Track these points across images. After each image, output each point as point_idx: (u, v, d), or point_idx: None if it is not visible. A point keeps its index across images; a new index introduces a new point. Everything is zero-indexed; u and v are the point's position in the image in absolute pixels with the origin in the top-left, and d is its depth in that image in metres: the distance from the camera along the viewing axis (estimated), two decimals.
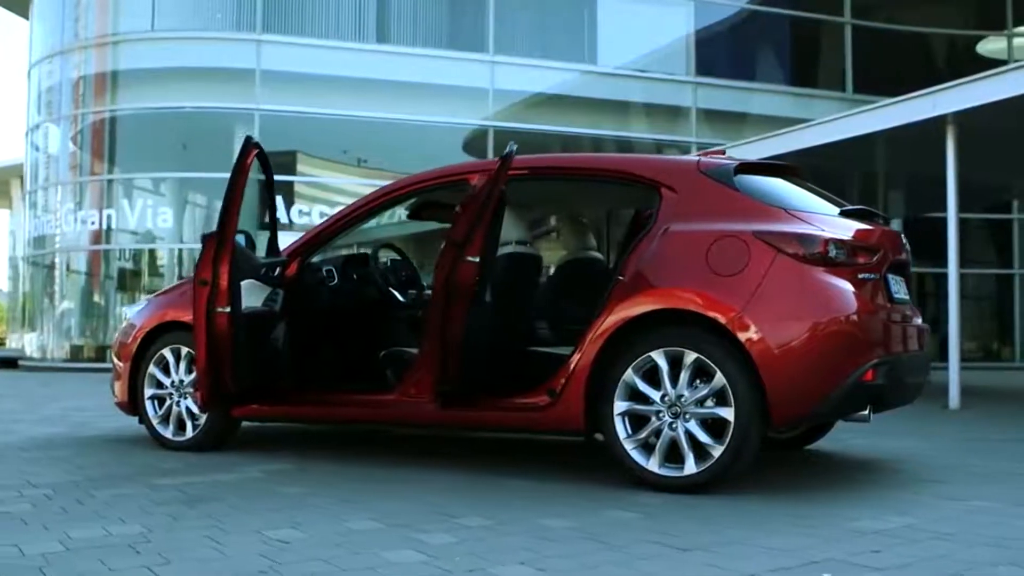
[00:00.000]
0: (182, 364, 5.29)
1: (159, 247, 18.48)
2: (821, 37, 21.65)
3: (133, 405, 5.49)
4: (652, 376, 4.08)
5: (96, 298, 18.82)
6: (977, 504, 3.88)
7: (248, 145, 4.69)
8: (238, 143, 17.20)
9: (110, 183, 18.29)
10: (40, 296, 19.96)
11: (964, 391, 8.84)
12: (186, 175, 18.36)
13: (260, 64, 17.45)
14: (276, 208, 5.34)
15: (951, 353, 8.93)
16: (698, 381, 4.00)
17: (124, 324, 5.86)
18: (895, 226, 13.50)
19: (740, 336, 3.91)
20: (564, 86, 19.11)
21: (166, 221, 18.10)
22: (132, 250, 18.60)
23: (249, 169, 4.68)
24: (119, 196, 18.10)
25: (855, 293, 4.01)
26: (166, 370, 5.34)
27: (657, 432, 4.03)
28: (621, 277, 4.26)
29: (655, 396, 4.05)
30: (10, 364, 19.43)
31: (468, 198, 4.28)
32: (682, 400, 3.99)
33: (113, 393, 5.71)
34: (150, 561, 2.85)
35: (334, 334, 5.34)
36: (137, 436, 5.75)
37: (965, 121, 8.67)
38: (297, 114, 17.33)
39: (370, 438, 6.00)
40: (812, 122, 10.92)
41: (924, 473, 4.76)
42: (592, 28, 19.88)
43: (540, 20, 19.59)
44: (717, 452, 3.92)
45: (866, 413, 4.06)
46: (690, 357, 3.99)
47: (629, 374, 4.09)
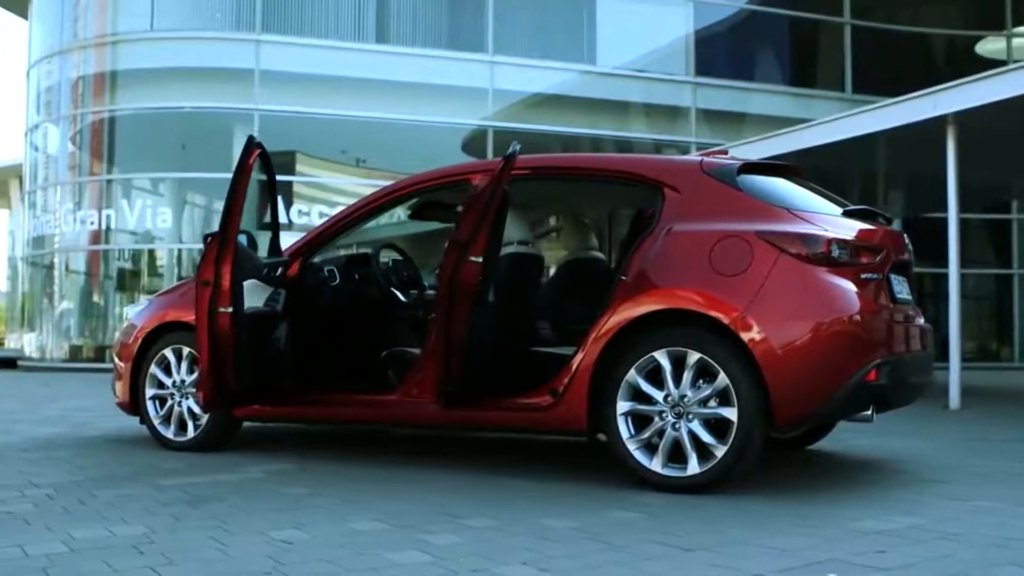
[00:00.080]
0: (183, 364, 5.28)
1: (158, 247, 18.48)
2: (820, 37, 21.67)
3: (134, 405, 5.49)
4: (655, 376, 4.07)
5: (95, 298, 18.81)
6: (980, 504, 3.88)
7: (251, 145, 4.68)
8: (237, 143, 17.16)
9: (109, 183, 18.29)
10: (39, 296, 19.95)
11: (964, 391, 8.85)
12: (185, 175, 18.36)
13: (259, 64, 17.44)
14: (278, 208, 5.33)
15: (952, 353, 8.93)
16: (701, 381, 3.99)
17: (125, 324, 5.86)
18: (895, 226, 13.48)
19: (743, 336, 3.90)
20: (563, 86, 19.11)
21: (165, 221, 18.10)
22: (131, 250, 18.60)
23: (252, 169, 4.67)
24: (118, 196, 18.09)
25: (858, 293, 4.01)
26: (167, 370, 5.33)
27: (660, 432, 4.02)
28: (624, 277, 4.25)
29: (658, 396, 4.04)
30: (9, 364, 19.42)
31: (471, 198, 4.27)
32: (685, 400, 3.99)
33: (114, 393, 5.70)
34: (154, 562, 2.84)
35: (336, 334, 5.33)
36: (138, 436, 5.75)
37: (966, 121, 8.66)
38: (296, 114, 17.33)
39: (371, 438, 5.99)
40: (813, 122, 10.92)
41: (926, 473, 4.76)
42: (591, 28, 19.88)
43: (539, 20, 19.58)
44: (720, 452, 3.91)
45: (869, 413, 4.05)
46: (693, 357, 3.98)
47: (632, 374, 4.08)
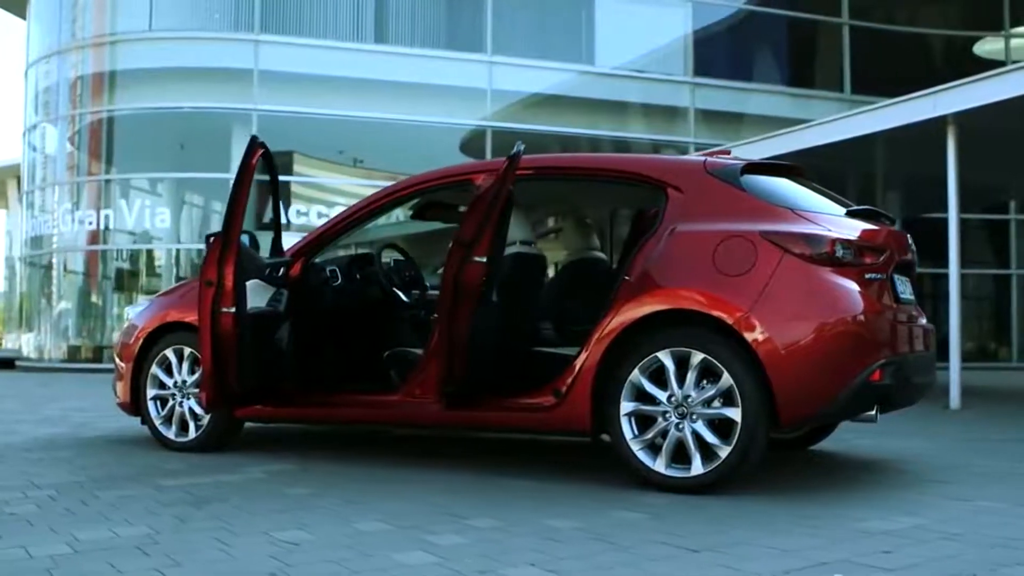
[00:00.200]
0: (185, 364, 5.27)
1: (156, 247, 18.46)
2: (819, 38, 21.68)
3: (135, 406, 5.48)
4: (659, 377, 4.06)
5: (93, 298, 18.79)
6: (983, 504, 3.88)
7: (254, 145, 4.66)
8: (236, 143, 17.13)
9: (107, 183, 18.26)
10: (37, 296, 19.92)
11: (964, 391, 8.86)
12: (184, 175, 18.35)
13: (258, 64, 17.43)
14: (280, 208, 5.32)
15: (952, 354, 8.93)
16: (705, 381, 3.99)
17: (126, 325, 5.85)
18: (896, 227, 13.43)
19: (747, 336, 3.89)
20: (562, 86, 19.11)
21: (164, 221, 18.09)
22: (129, 250, 18.58)
23: (255, 169, 4.66)
24: (116, 196, 18.07)
25: (862, 293, 4.01)
26: (169, 371, 5.32)
27: (664, 433, 4.02)
28: (627, 277, 4.24)
29: (662, 397, 4.03)
30: (7, 364, 19.40)
31: (476, 198, 4.26)
32: (689, 401, 3.98)
33: (115, 394, 5.69)
34: (159, 563, 2.83)
35: (338, 334, 5.32)
36: (138, 437, 5.74)
37: (966, 122, 8.66)
38: (295, 114, 17.31)
39: (372, 439, 5.99)
40: (813, 122, 10.91)
41: (929, 473, 4.76)
42: (590, 28, 19.88)
43: (538, 20, 19.57)
44: (724, 453, 3.90)
45: (873, 413, 4.06)
46: (697, 357, 3.97)
47: (636, 374, 4.08)
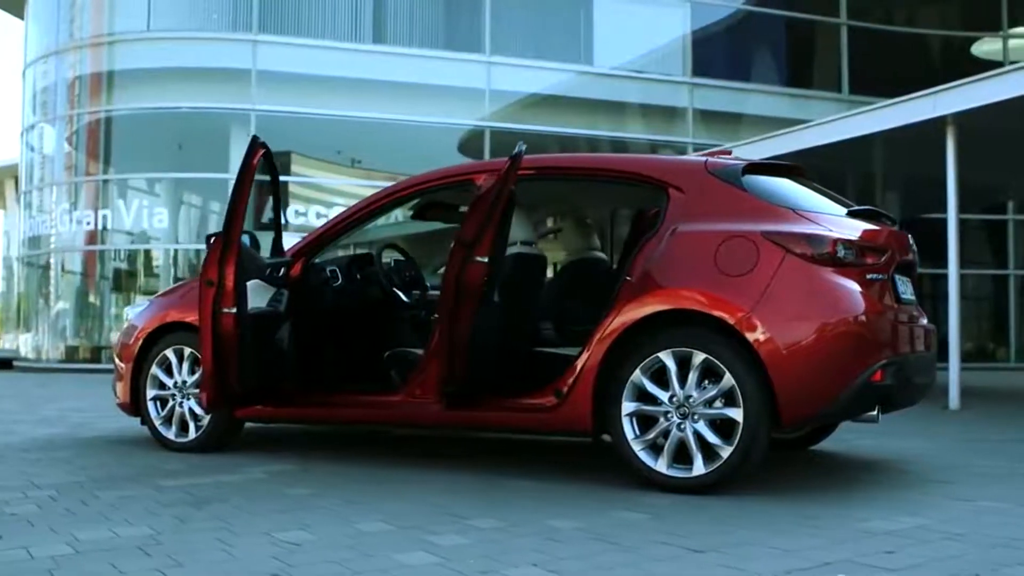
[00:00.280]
0: (184, 365, 5.26)
1: (154, 247, 18.45)
2: (817, 38, 21.70)
3: (135, 406, 5.47)
4: (660, 377, 4.06)
5: (91, 299, 18.77)
6: (985, 504, 3.88)
7: (255, 145, 4.65)
8: (234, 143, 17.07)
9: (105, 183, 18.25)
10: (35, 297, 19.90)
11: (963, 391, 8.86)
12: (182, 175, 18.34)
13: (256, 64, 17.42)
14: (281, 208, 5.30)
15: (951, 354, 8.93)
16: (706, 382, 3.98)
17: (125, 325, 5.84)
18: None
19: (749, 336, 3.89)
20: (560, 87, 19.11)
21: (162, 221, 18.08)
22: (127, 250, 18.56)
23: (256, 169, 4.65)
24: (114, 196, 18.06)
25: (863, 293, 4.00)
26: (169, 371, 5.31)
27: (665, 433, 4.01)
28: (628, 277, 4.23)
29: (663, 397, 4.03)
30: (5, 365, 19.37)
31: (477, 198, 4.25)
32: (690, 401, 3.98)
33: (115, 394, 5.68)
34: (161, 564, 2.82)
35: (338, 335, 5.31)
36: (137, 437, 5.73)
37: (965, 122, 8.66)
38: (293, 114, 17.30)
39: (372, 439, 5.98)
40: (812, 123, 10.90)
41: (930, 473, 4.75)
42: (588, 29, 19.88)
43: (536, 20, 19.57)
44: (726, 453, 3.90)
45: (875, 414, 4.05)
46: (698, 358, 3.97)
47: (637, 375, 4.07)
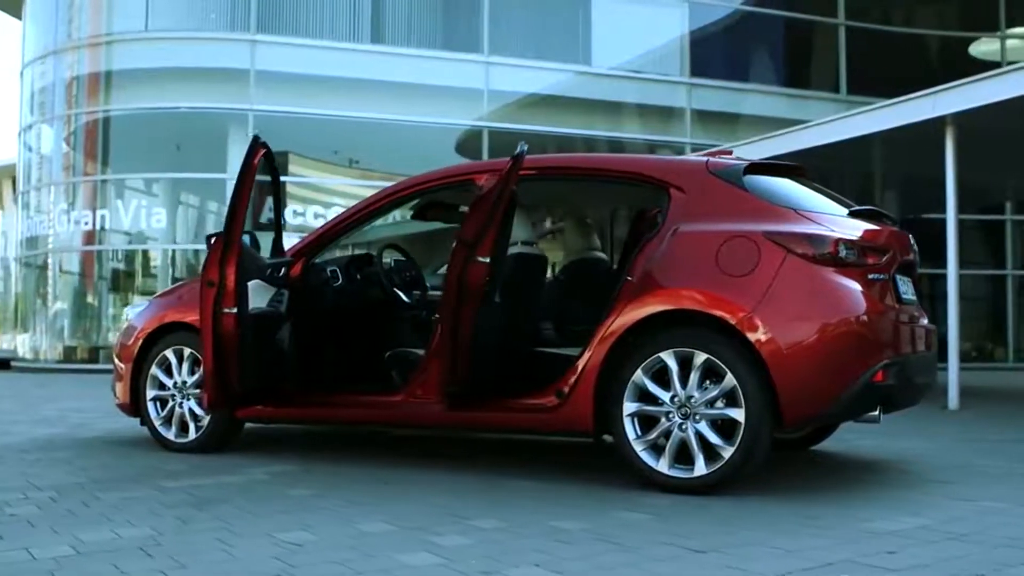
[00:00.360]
0: (184, 365, 5.25)
1: (152, 248, 18.43)
2: (815, 38, 21.70)
3: (135, 406, 5.45)
4: (662, 377, 4.05)
5: (89, 299, 18.75)
6: (987, 504, 3.88)
7: (256, 145, 4.64)
8: (232, 144, 17.00)
9: (103, 183, 18.23)
10: (32, 297, 19.87)
11: (961, 392, 8.86)
12: (179, 175, 18.32)
13: (254, 64, 17.40)
14: (281, 208, 5.29)
15: (950, 354, 8.93)
16: (708, 382, 3.98)
17: (125, 325, 5.83)
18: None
19: (750, 336, 3.89)
20: (558, 87, 19.11)
21: (159, 222, 18.06)
22: (125, 251, 18.54)
23: (257, 169, 4.64)
24: (112, 197, 18.04)
25: (865, 293, 4.00)
26: (168, 371, 5.30)
27: (667, 433, 4.01)
28: (630, 278, 4.23)
29: (665, 397, 4.02)
30: (3, 365, 19.35)
31: (479, 198, 4.24)
32: (692, 401, 3.97)
33: (114, 394, 5.67)
34: (164, 565, 2.82)
35: (339, 335, 5.30)
36: (137, 437, 5.72)
37: (965, 122, 8.66)
38: (291, 114, 17.28)
39: (372, 439, 5.97)
40: (811, 123, 10.89)
41: (931, 473, 4.75)
42: (587, 29, 19.88)
43: (535, 21, 19.57)
44: (727, 453, 3.89)
45: (876, 414, 4.04)
46: (700, 358, 3.96)
47: (639, 375, 4.07)
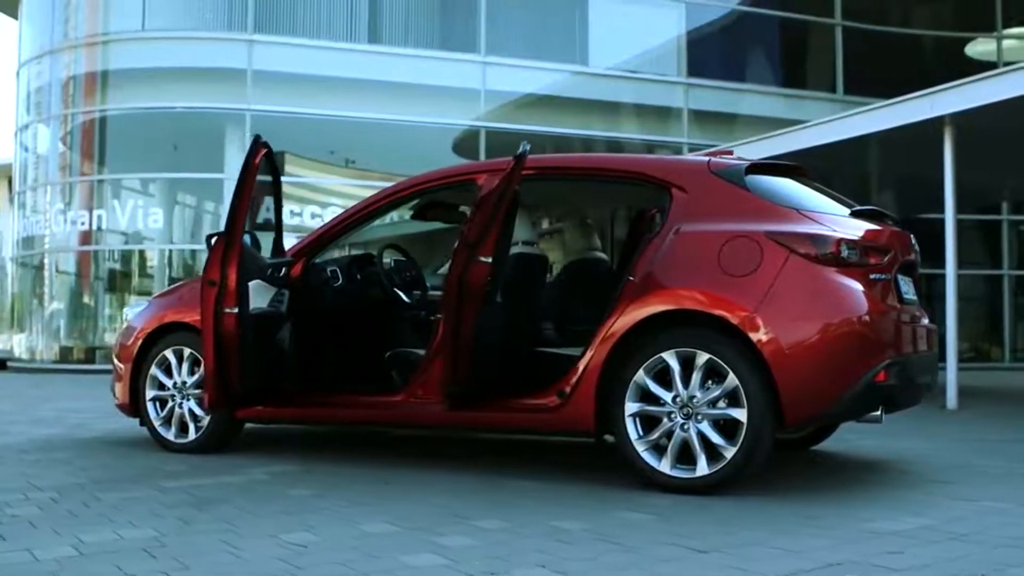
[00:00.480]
0: (184, 365, 5.24)
1: (149, 248, 18.38)
2: (812, 39, 21.71)
3: (134, 407, 5.44)
4: (663, 377, 4.05)
5: (85, 299, 18.71)
6: (988, 504, 3.88)
7: (257, 144, 4.63)
8: (229, 144, 16.95)
9: (100, 183, 18.19)
10: (29, 297, 19.83)
11: (960, 391, 8.88)
12: (176, 176, 18.29)
13: (251, 64, 17.37)
14: (282, 208, 5.28)
15: (949, 354, 8.94)
16: (710, 382, 3.98)
17: (124, 326, 5.81)
18: None
19: (752, 336, 3.89)
20: (556, 87, 19.09)
21: (156, 222, 18.02)
22: (122, 251, 18.50)
23: (258, 169, 4.63)
24: (109, 196, 18.00)
25: (866, 294, 4.00)
26: (168, 371, 5.29)
27: (669, 433, 4.01)
28: (632, 278, 4.22)
29: (667, 397, 4.02)
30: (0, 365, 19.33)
31: (481, 198, 4.24)
32: (694, 401, 3.97)
33: (114, 395, 5.65)
34: (167, 566, 2.81)
35: (339, 335, 5.29)
36: (136, 437, 5.70)
37: (963, 122, 8.67)
38: (288, 114, 17.24)
39: (372, 439, 5.97)
40: (810, 123, 10.90)
41: (932, 473, 4.76)
42: (584, 29, 19.87)
43: (532, 21, 19.56)
44: (730, 453, 3.90)
45: (878, 414, 4.05)
46: (702, 358, 3.96)
47: (640, 375, 4.06)
